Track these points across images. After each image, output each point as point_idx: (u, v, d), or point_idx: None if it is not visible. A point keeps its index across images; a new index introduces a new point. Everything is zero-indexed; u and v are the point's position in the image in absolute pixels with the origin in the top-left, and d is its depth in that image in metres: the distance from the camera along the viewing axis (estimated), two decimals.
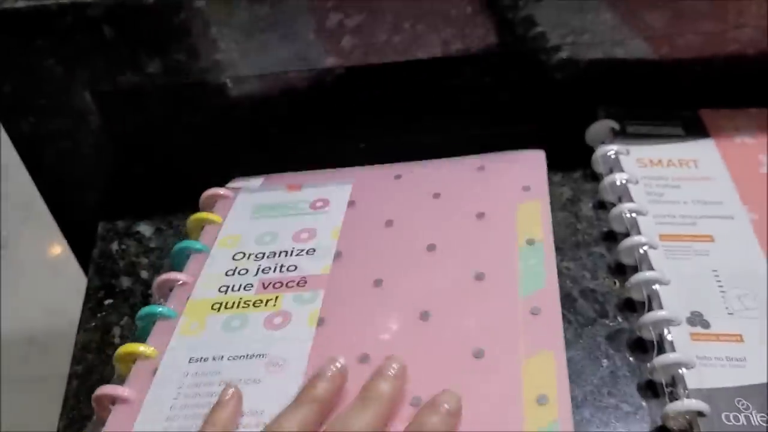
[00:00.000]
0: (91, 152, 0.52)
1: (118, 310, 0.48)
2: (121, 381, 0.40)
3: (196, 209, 0.53)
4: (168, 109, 0.50)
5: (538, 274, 0.43)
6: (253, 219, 0.49)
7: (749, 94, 0.57)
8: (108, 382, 0.44)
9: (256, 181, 0.52)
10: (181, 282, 0.45)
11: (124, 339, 0.46)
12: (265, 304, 0.43)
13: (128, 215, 0.53)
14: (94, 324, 0.47)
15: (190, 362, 0.40)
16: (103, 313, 0.47)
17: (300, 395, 0.36)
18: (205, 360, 0.40)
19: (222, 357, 0.40)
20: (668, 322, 0.43)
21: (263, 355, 0.40)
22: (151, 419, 0.38)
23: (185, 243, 0.47)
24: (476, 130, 0.56)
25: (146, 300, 0.48)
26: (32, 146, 0.51)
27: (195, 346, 0.41)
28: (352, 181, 0.51)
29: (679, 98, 0.57)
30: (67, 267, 0.57)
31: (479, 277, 0.43)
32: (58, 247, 1.17)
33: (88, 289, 0.49)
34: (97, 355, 0.45)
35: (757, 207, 0.50)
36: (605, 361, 0.44)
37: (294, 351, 0.40)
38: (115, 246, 0.51)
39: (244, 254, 0.46)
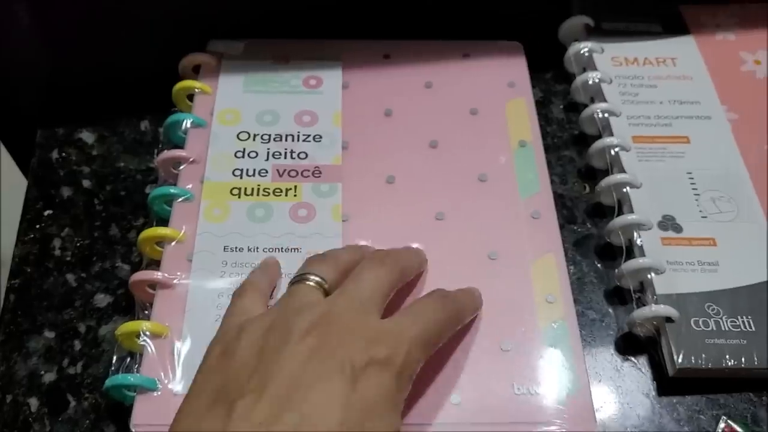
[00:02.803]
0: (23, 53, 0.48)
1: (58, 221, 0.45)
2: (154, 265, 0.40)
3: (143, 115, 0.50)
4: (110, 2, 0.46)
5: (532, 177, 0.44)
6: (247, 93, 0.47)
7: None
8: (49, 296, 0.42)
9: (237, 46, 0.49)
10: (191, 160, 0.43)
11: (65, 251, 0.43)
12: (285, 194, 0.43)
13: (68, 122, 0.49)
14: (32, 236, 0.44)
15: (225, 251, 0.40)
16: (42, 225, 0.44)
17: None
18: (240, 250, 0.40)
19: (257, 248, 0.40)
20: (638, 226, 0.41)
21: (298, 250, 0.40)
22: (201, 305, 0.38)
23: (181, 115, 0.45)
24: (447, 30, 0.52)
25: (89, 210, 0.45)
26: None
27: (224, 234, 0.41)
28: (340, 56, 0.50)
29: None
30: None
31: (482, 178, 0.44)
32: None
33: (26, 200, 0.46)
34: (36, 268, 0.43)
35: (736, 107, 0.47)
36: (572, 267, 0.42)
37: (327, 246, 0.39)
38: (54, 154, 0.48)
39: (249, 134, 0.45)
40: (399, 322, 0.32)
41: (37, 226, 0.45)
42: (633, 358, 0.39)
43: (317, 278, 0.34)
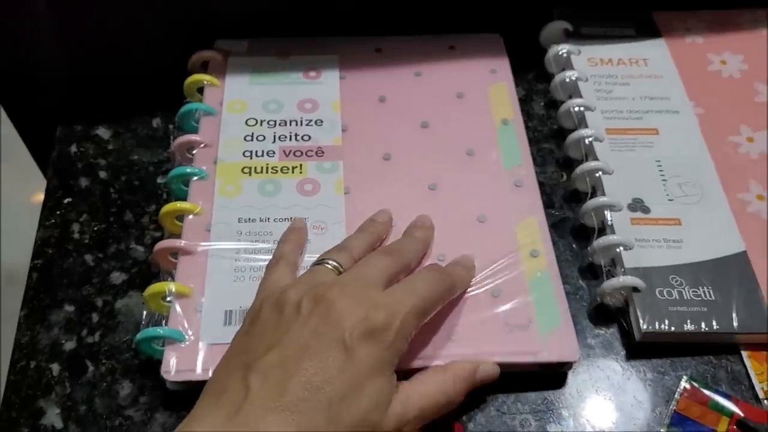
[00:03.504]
0: (45, 56, 0.52)
1: (76, 208, 0.48)
2: (175, 237, 0.44)
3: (155, 112, 0.54)
4: (122, 5, 0.50)
5: (515, 151, 0.49)
6: (252, 85, 0.52)
7: None
8: (69, 274, 0.45)
9: (241, 44, 0.54)
10: (203, 145, 0.48)
11: (83, 234, 0.47)
12: (292, 171, 0.47)
13: (86, 119, 0.53)
14: (53, 221, 0.48)
15: (239, 222, 0.44)
16: (62, 211, 0.48)
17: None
18: (254, 221, 0.44)
19: (268, 218, 0.45)
20: (609, 207, 0.45)
21: (306, 219, 0.45)
22: (221, 269, 0.42)
23: (193, 104, 0.50)
24: (434, 32, 0.56)
25: (105, 198, 0.49)
26: None
27: (238, 207, 0.45)
28: (335, 51, 0.54)
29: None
30: None
31: (470, 153, 0.48)
32: (40, 195, 1.17)
33: (47, 190, 0.50)
34: (57, 250, 0.46)
35: (703, 102, 0.51)
36: None
37: (331, 216, 0.45)
38: (73, 149, 0.52)
39: (256, 120, 0.49)
40: (396, 292, 0.37)
41: (58, 212, 0.48)
42: (604, 327, 0.43)
43: (334, 263, 0.39)
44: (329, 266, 0.39)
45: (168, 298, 0.41)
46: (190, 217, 0.44)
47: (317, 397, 0.32)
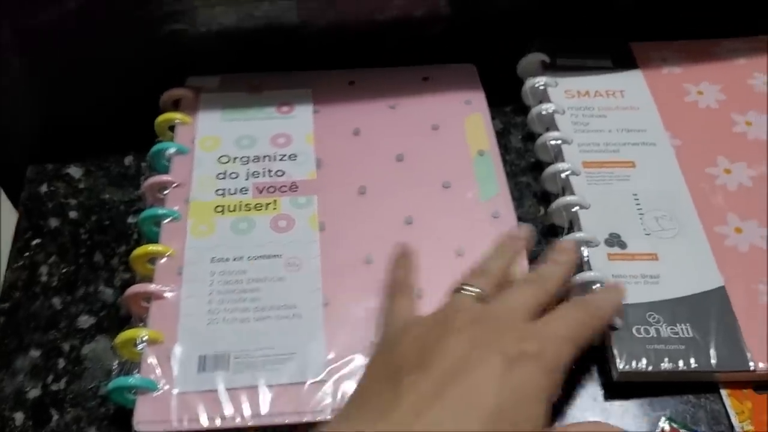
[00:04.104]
0: (15, 97, 0.51)
1: (45, 249, 0.47)
2: (147, 281, 0.43)
3: (127, 151, 0.53)
4: (92, 46, 0.50)
5: (491, 182, 0.48)
6: (225, 121, 0.51)
7: (682, 26, 0.57)
8: (35, 318, 0.44)
9: (213, 80, 0.53)
10: (175, 184, 0.47)
11: (51, 277, 0.46)
12: (266, 208, 0.46)
13: (58, 158, 0.52)
14: (21, 263, 0.47)
15: (212, 262, 0.43)
16: (31, 253, 0.47)
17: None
18: (227, 260, 0.44)
19: (242, 257, 0.44)
20: (586, 243, 0.44)
21: (279, 256, 0.44)
22: (194, 312, 0.41)
23: (165, 144, 0.49)
24: (410, 63, 0.56)
25: (75, 238, 0.48)
26: None
27: (211, 247, 0.44)
28: (308, 85, 0.53)
29: (612, 30, 0.57)
30: None
31: (446, 185, 0.48)
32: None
33: (16, 231, 0.49)
34: (24, 293, 0.45)
35: (680, 133, 0.50)
36: None
37: (306, 252, 0.44)
38: (44, 188, 0.51)
39: (229, 158, 0.49)
40: (547, 323, 0.35)
41: (26, 254, 0.47)
42: (583, 366, 0.42)
43: (475, 289, 0.37)
44: (470, 293, 0.37)
45: (140, 346, 0.40)
46: (162, 260, 0.43)
47: (477, 403, 0.31)
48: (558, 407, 0.40)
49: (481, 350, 0.32)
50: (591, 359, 0.42)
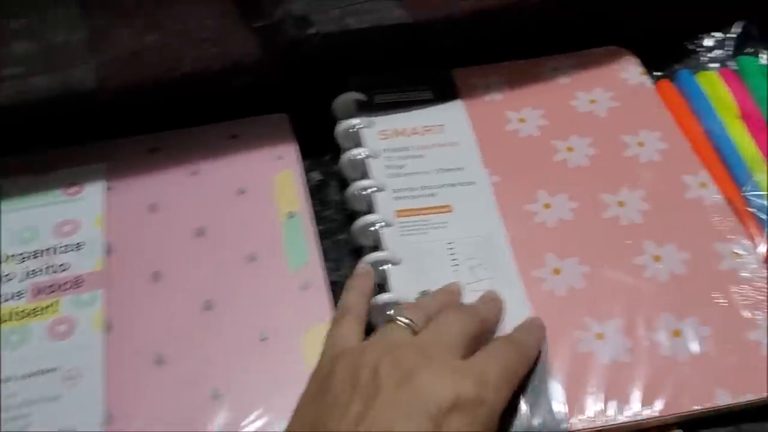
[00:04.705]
0: None
1: None
2: None
3: None
4: None
5: (301, 248, 0.44)
6: (4, 214, 0.45)
7: (508, 46, 0.55)
8: None
9: None
10: None
11: None
12: (44, 312, 0.41)
13: None
14: None
15: None
16: None
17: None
18: None
19: (9, 379, 0.38)
20: (395, 304, 0.41)
21: (55, 369, 0.39)
22: None
23: None
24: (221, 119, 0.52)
25: None
26: None
27: None
28: (104, 158, 0.48)
29: (436, 59, 0.55)
30: None
31: (251, 258, 0.44)
32: None
33: None
34: None
35: (499, 169, 0.48)
36: None
37: (86, 360, 0.39)
38: None
39: (5, 256, 0.43)
40: (481, 359, 0.34)
41: None
42: None
43: (406, 320, 0.36)
44: (402, 323, 0.36)
45: None
46: None
47: None
48: None
49: (409, 420, 0.31)
50: None
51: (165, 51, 0.48)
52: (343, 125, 0.50)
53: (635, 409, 0.37)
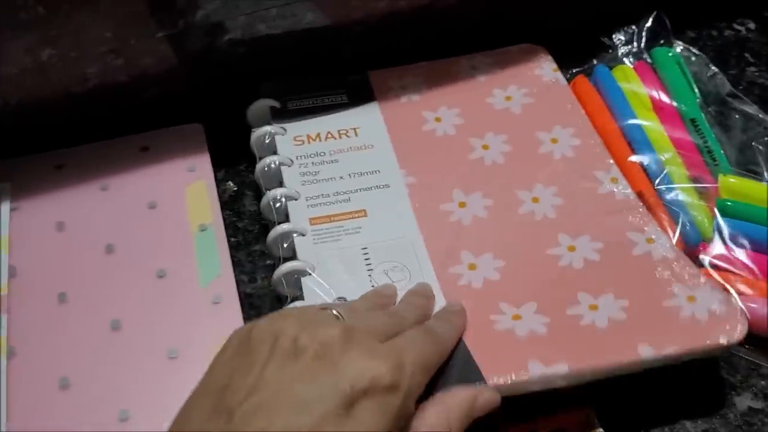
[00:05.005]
0: None
1: None
2: None
3: None
4: None
5: (213, 261, 0.44)
6: None
7: (424, 49, 0.55)
8: None
9: None
10: None
11: None
12: None
13: None
14: None
15: None
16: None
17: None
18: None
19: None
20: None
21: None
22: None
23: None
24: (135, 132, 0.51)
25: None
26: None
27: None
28: (8, 177, 0.47)
29: (353, 63, 0.54)
30: None
31: (161, 274, 0.43)
32: None
33: None
34: None
35: (415, 170, 0.47)
36: None
37: None
38: None
39: None
40: (396, 344, 0.33)
41: None
42: None
43: (335, 311, 0.35)
44: (331, 313, 0.35)
45: None
46: None
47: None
48: None
49: (319, 390, 0.29)
50: None
51: (66, 65, 0.47)
52: (257, 133, 0.49)
53: (558, 367, 0.36)
